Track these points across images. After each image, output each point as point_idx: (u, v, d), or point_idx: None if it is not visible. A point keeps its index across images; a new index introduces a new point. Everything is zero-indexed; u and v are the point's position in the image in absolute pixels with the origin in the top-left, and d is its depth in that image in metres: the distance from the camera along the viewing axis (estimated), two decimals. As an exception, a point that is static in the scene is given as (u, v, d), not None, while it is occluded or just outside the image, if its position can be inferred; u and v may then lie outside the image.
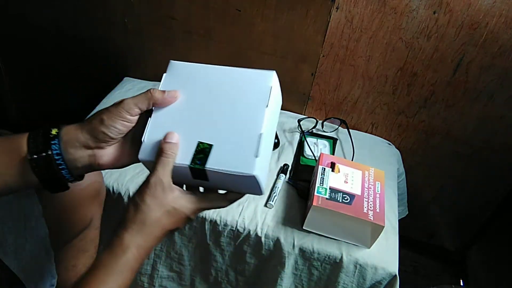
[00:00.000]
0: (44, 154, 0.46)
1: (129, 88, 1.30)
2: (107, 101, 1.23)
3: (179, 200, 0.48)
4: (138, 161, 0.51)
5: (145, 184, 0.47)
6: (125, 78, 1.37)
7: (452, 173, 1.29)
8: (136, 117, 0.49)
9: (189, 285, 1.08)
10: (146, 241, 0.47)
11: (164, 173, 0.47)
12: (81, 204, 0.83)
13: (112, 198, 0.98)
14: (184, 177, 0.50)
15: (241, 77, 0.51)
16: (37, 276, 0.69)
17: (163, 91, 0.49)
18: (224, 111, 0.50)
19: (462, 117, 1.17)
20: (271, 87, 0.50)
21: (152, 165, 0.48)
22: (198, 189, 0.53)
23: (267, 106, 0.49)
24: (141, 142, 0.50)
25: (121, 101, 0.48)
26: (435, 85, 1.13)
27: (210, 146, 0.48)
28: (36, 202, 0.72)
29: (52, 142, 0.46)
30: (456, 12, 1.00)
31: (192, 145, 0.49)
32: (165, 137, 0.49)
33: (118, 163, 0.51)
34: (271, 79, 0.51)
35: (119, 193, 0.97)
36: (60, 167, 0.47)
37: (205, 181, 0.49)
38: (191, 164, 0.47)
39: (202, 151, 0.48)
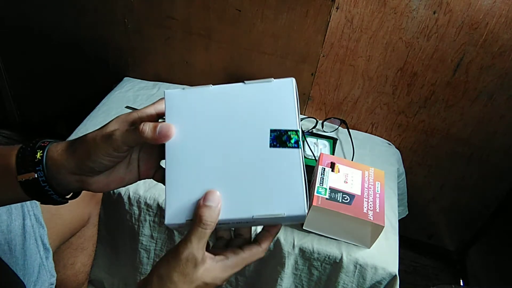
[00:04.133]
0: (31, 178, 0.44)
1: (129, 88, 1.30)
2: (107, 101, 1.23)
3: (211, 272, 0.42)
4: (132, 183, 0.48)
5: (175, 257, 0.41)
6: (125, 78, 1.36)
7: (452, 173, 1.29)
8: (126, 152, 0.44)
9: (189, 285, 1.08)
10: None
11: (199, 246, 0.41)
12: (78, 202, 0.83)
13: (112, 198, 0.98)
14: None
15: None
16: (36, 275, 0.69)
17: (155, 127, 0.42)
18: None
19: (462, 117, 1.17)
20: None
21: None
22: (231, 236, 0.48)
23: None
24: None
25: (110, 136, 0.42)
26: (435, 85, 1.13)
27: None
28: (34, 200, 0.72)
29: (37, 168, 0.43)
30: (456, 12, 1.00)
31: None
32: (204, 197, 0.41)
33: (110, 188, 0.47)
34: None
35: (119, 193, 0.97)
36: (49, 193, 0.45)
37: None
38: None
39: None
